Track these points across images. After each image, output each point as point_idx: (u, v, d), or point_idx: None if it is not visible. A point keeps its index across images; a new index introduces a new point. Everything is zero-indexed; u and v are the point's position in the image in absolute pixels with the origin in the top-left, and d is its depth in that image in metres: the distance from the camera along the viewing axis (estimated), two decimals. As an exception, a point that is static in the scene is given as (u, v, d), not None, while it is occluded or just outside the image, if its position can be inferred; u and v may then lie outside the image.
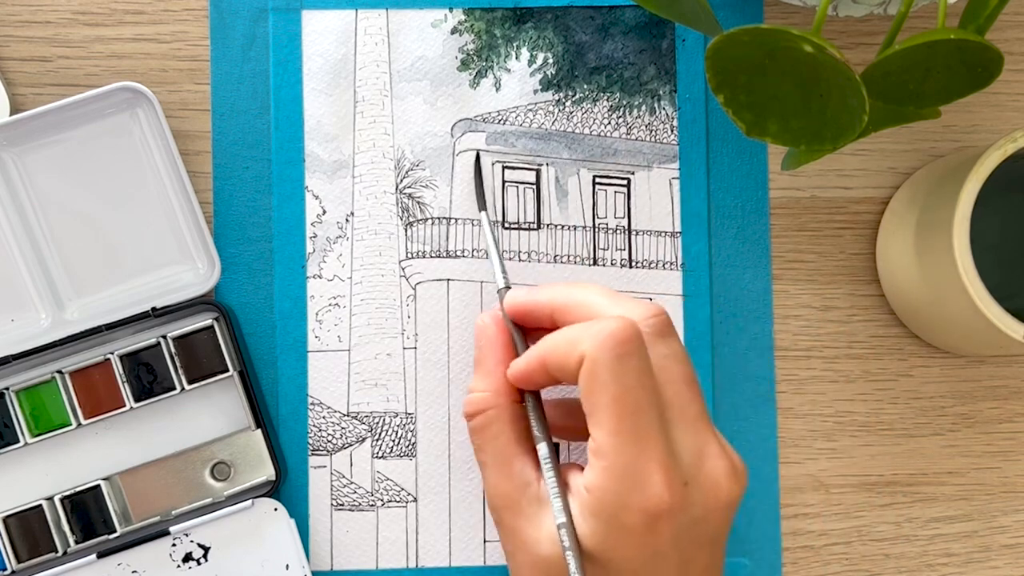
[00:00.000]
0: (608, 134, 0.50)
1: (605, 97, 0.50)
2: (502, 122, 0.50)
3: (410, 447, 0.49)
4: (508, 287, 0.45)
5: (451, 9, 0.50)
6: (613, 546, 0.36)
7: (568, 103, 0.50)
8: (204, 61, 0.49)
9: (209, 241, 0.48)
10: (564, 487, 0.38)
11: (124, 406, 0.47)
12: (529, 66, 0.50)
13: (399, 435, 0.49)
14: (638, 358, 0.37)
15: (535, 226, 0.49)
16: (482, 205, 0.48)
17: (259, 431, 0.47)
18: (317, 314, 0.49)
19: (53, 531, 0.47)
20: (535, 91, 0.50)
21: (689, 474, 0.37)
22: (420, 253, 0.49)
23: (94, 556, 0.46)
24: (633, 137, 0.50)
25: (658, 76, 0.50)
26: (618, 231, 0.50)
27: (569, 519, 0.37)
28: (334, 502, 0.48)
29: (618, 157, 0.50)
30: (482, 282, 0.49)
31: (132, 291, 0.48)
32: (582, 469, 0.39)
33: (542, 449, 0.40)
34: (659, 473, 0.36)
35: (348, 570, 0.48)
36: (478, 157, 0.49)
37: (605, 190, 0.50)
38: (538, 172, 0.50)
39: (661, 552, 0.36)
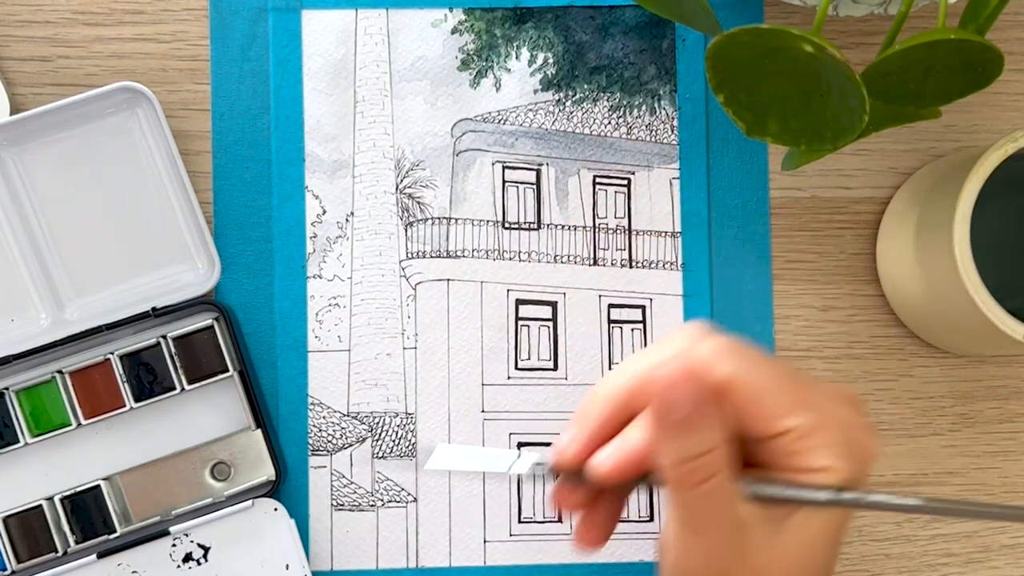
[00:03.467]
0: (608, 134, 0.50)
1: (605, 97, 0.50)
2: (502, 122, 0.50)
3: (410, 447, 0.49)
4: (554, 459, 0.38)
5: (451, 9, 0.50)
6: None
7: (568, 103, 0.50)
8: (204, 61, 0.49)
9: (209, 241, 0.48)
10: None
11: (124, 406, 0.47)
12: (529, 66, 0.50)
13: (399, 435, 0.49)
14: (735, 339, 0.37)
15: (535, 226, 0.49)
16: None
17: (259, 431, 0.47)
18: (317, 314, 0.49)
19: (53, 531, 0.47)
20: (535, 91, 0.50)
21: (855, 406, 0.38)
22: (420, 253, 0.49)
23: (94, 556, 0.46)
24: (633, 137, 0.50)
25: (658, 76, 0.50)
26: (618, 231, 0.50)
27: (838, 487, 0.35)
28: (334, 502, 0.48)
29: (618, 157, 0.50)
30: (482, 282, 0.49)
31: (132, 291, 0.48)
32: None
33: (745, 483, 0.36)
34: (857, 416, 0.37)
35: (348, 570, 0.48)
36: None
37: (605, 190, 0.50)
38: (538, 172, 0.50)
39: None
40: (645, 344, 0.49)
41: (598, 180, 0.50)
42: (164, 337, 0.47)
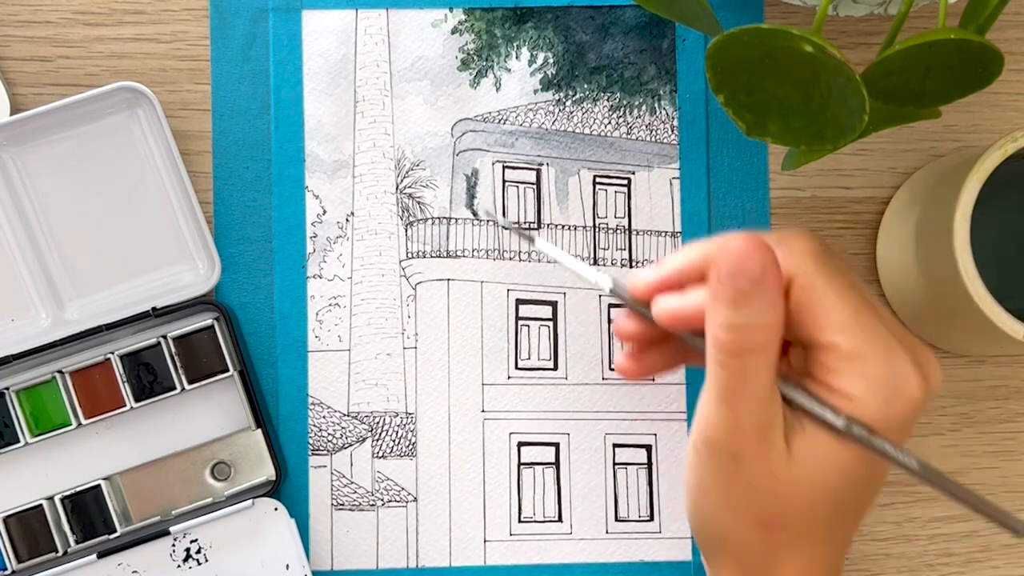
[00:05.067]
0: (608, 134, 0.50)
1: (605, 97, 0.50)
2: (502, 122, 0.50)
3: (410, 447, 0.49)
4: (614, 279, 0.41)
5: (451, 9, 0.50)
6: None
7: (568, 103, 0.50)
8: (204, 61, 0.49)
9: (209, 241, 0.48)
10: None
11: (124, 406, 0.47)
12: (529, 66, 0.50)
13: (399, 435, 0.49)
14: (841, 258, 0.38)
15: (535, 226, 0.49)
16: (529, 236, 0.43)
17: (259, 431, 0.47)
18: (317, 314, 0.49)
19: (53, 531, 0.47)
20: (535, 91, 0.50)
21: (922, 367, 0.37)
22: (420, 253, 0.49)
23: (94, 556, 0.46)
24: (633, 137, 0.50)
25: (658, 76, 0.50)
26: (618, 231, 0.50)
27: (851, 418, 0.36)
28: (334, 502, 0.48)
29: (618, 157, 0.50)
30: (482, 282, 0.49)
31: (132, 291, 0.48)
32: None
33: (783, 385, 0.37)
34: (912, 368, 0.36)
35: (348, 570, 0.48)
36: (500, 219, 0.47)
37: (605, 190, 0.50)
38: (538, 172, 0.50)
39: (904, 438, 0.37)
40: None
41: (598, 180, 0.50)
42: (164, 337, 0.47)
